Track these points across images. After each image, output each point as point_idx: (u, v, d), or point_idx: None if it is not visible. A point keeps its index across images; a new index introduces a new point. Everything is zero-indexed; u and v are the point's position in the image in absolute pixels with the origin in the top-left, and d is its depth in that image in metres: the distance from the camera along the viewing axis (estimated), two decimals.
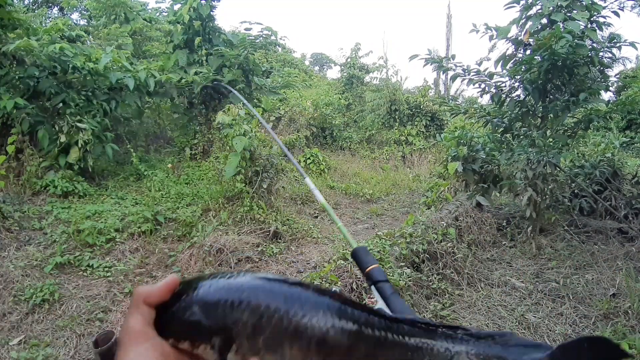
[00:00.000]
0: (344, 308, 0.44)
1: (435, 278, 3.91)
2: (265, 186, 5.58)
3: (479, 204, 5.59)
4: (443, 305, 3.61)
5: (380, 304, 0.75)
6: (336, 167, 9.72)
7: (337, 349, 0.42)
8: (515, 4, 5.40)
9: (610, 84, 5.45)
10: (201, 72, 7.79)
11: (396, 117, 12.06)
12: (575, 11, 4.94)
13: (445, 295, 3.80)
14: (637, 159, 10.15)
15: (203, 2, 8.16)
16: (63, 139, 5.77)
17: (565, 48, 4.54)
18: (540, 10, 5.22)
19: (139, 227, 4.84)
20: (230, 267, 4.21)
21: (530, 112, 5.48)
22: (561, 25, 4.82)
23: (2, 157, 4.97)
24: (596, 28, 5.05)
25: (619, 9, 5.05)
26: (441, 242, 4.34)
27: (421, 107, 12.07)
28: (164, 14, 12.94)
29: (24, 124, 5.71)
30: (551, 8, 5.00)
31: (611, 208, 5.48)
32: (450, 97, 10.57)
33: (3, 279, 3.65)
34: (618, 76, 8.49)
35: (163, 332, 0.43)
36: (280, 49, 17.51)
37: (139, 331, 0.43)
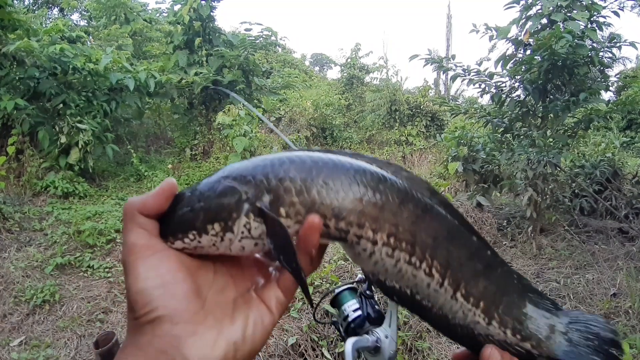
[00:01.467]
0: (387, 173, 0.42)
1: None
2: None
3: (479, 204, 5.58)
4: None
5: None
6: None
7: (389, 203, 0.39)
8: (515, 4, 5.40)
9: (610, 84, 5.45)
10: (201, 73, 7.80)
11: (396, 117, 12.06)
12: (575, 11, 4.94)
13: None
14: (637, 158, 10.14)
15: (203, 2, 8.16)
16: (63, 139, 5.78)
17: (565, 48, 4.54)
18: (540, 11, 5.22)
19: None
20: None
21: (531, 112, 5.48)
22: (561, 25, 4.81)
23: (2, 158, 4.97)
24: (596, 28, 5.05)
25: (619, 9, 5.05)
26: None
27: (421, 107, 12.07)
28: (164, 14, 12.94)
29: (24, 124, 5.71)
30: (551, 8, 5.00)
31: (612, 208, 5.47)
32: (450, 97, 10.58)
33: (4, 279, 3.65)
34: (618, 76, 8.48)
35: (179, 230, 0.37)
36: (280, 49, 17.52)
37: (143, 245, 0.36)
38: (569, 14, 4.93)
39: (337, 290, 0.81)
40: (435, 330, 0.48)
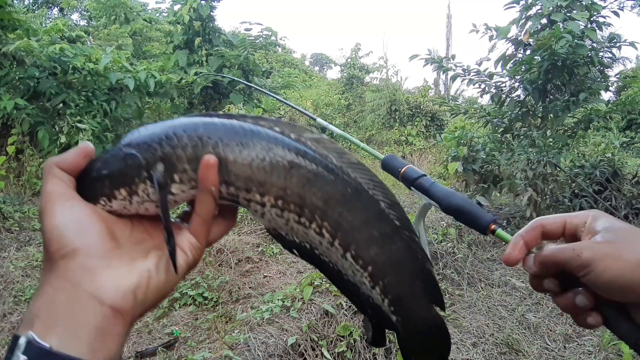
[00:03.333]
0: (284, 137, 0.43)
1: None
2: None
3: (479, 204, 5.58)
4: None
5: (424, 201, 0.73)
6: None
7: (277, 168, 0.41)
8: (515, 4, 5.40)
9: (610, 84, 5.46)
10: (201, 73, 7.80)
11: (396, 117, 12.07)
12: (575, 11, 4.94)
13: (445, 295, 3.80)
14: (637, 159, 10.14)
15: (203, 2, 8.17)
16: (63, 139, 5.78)
17: (565, 48, 4.54)
18: (540, 11, 5.22)
19: None
20: (231, 268, 4.21)
21: (530, 112, 5.48)
22: (561, 25, 4.82)
23: (2, 157, 4.97)
24: (596, 28, 5.05)
25: (618, 9, 5.06)
26: (441, 242, 4.34)
27: (421, 107, 12.07)
28: (164, 14, 12.95)
29: (24, 124, 5.71)
30: (551, 8, 5.01)
31: (611, 208, 5.47)
32: (450, 97, 10.57)
33: (3, 279, 3.65)
34: (618, 76, 8.48)
35: (91, 196, 0.39)
36: (280, 49, 17.53)
37: (62, 192, 0.37)
38: (568, 14, 4.94)
39: None
40: (332, 285, 0.50)
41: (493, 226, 0.59)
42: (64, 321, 0.33)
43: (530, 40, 5.17)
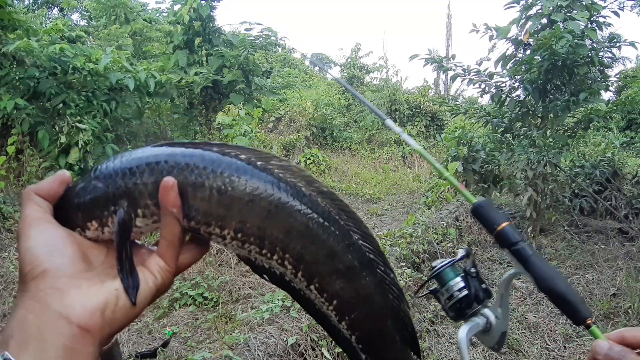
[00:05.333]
0: (247, 166, 0.42)
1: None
2: None
3: None
4: None
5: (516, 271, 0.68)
6: (336, 167, 9.72)
7: (237, 201, 0.41)
8: (515, 4, 5.40)
9: (610, 84, 5.45)
10: (201, 73, 7.80)
11: (396, 117, 12.07)
12: (575, 11, 4.94)
13: None
14: (637, 158, 10.14)
15: (203, 2, 8.16)
16: (63, 139, 5.77)
17: (565, 48, 4.54)
18: (540, 10, 5.22)
19: None
20: (231, 268, 4.21)
21: (531, 112, 5.48)
22: (561, 25, 4.81)
23: (2, 157, 4.97)
24: (596, 28, 5.05)
25: (619, 9, 5.05)
26: (441, 242, 4.34)
27: (421, 107, 12.08)
28: (164, 14, 12.94)
29: (24, 124, 5.71)
30: (551, 8, 5.00)
31: (611, 208, 5.48)
32: (450, 97, 10.58)
33: (3, 279, 3.65)
34: (618, 76, 8.47)
35: (68, 225, 0.41)
36: (280, 49, 17.52)
37: (38, 217, 0.39)
38: (569, 14, 4.93)
39: (437, 267, 0.73)
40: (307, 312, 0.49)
41: (589, 321, 0.57)
42: (35, 340, 0.34)
43: (531, 40, 5.16)
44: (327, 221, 0.44)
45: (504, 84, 5.54)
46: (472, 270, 0.70)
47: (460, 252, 0.67)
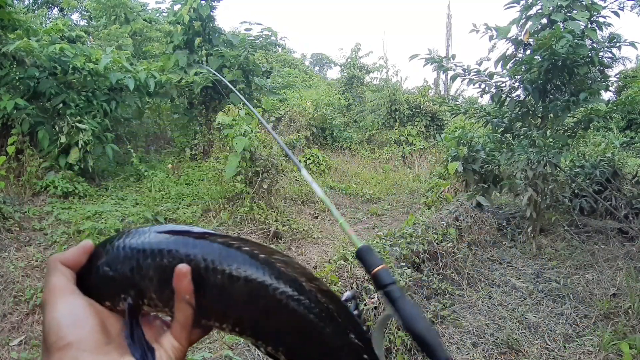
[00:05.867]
0: (251, 261, 0.44)
1: (435, 278, 3.91)
2: (265, 186, 5.59)
3: (479, 204, 5.58)
4: (443, 305, 3.61)
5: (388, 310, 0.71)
6: (336, 167, 9.72)
7: (237, 298, 0.43)
8: (515, 4, 5.40)
9: (610, 84, 5.45)
10: (201, 73, 7.79)
11: (396, 117, 12.06)
12: (575, 11, 4.94)
13: (445, 295, 3.80)
14: (637, 158, 10.14)
15: (203, 2, 8.16)
16: (63, 139, 5.78)
17: (565, 48, 4.54)
18: (540, 10, 5.22)
19: None
20: None
21: (531, 112, 5.48)
22: (561, 25, 4.81)
23: (2, 157, 4.97)
24: (596, 28, 5.05)
25: (619, 9, 5.06)
26: (441, 242, 4.34)
27: (421, 107, 12.07)
28: (164, 14, 12.94)
29: (24, 124, 5.71)
30: (551, 8, 5.00)
31: (611, 208, 5.48)
32: (450, 97, 10.58)
33: (3, 279, 3.65)
34: (618, 76, 8.47)
35: (87, 294, 0.43)
36: (280, 49, 17.52)
37: (63, 286, 0.42)
38: (569, 14, 4.93)
39: None
40: None
41: None
42: None
43: (531, 40, 5.16)
44: (327, 319, 0.46)
45: (504, 84, 5.54)
46: (355, 311, 0.75)
47: (347, 294, 0.72)
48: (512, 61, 5.39)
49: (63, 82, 6.10)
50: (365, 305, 3.00)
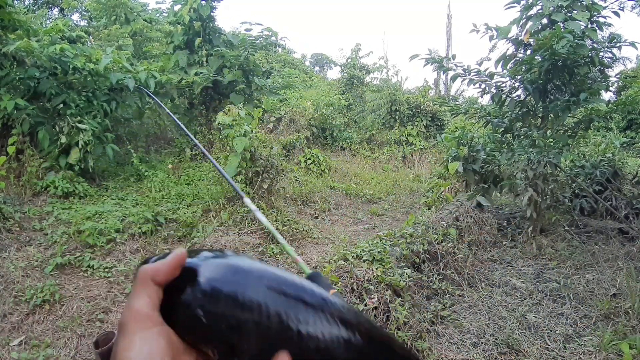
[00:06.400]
0: (344, 321, 0.42)
1: (435, 278, 3.91)
2: (265, 187, 5.59)
3: (479, 204, 5.58)
4: (443, 305, 3.61)
5: None
6: (336, 167, 9.72)
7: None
8: (515, 4, 5.40)
9: (610, 84, 5.45)
10: (201, 73, 7.80)
11: (396, 117, 12.06)
12: (575, 11, 4.93)
13: (445, 295, 3.80)
14: (637, 158, 10.14)
15: (203, 2, 8.17)
16: (63, 139, 5.78)
17: (566, 48, 4.54)
18: (540, 10, 5.21)
19: (140, 228, 4.84)
20: None
21: (531, 112, 5.48)
22: (562, 25, 4.81)
23: (2, 157, 4.97)
24: (596, 28, 5.05)
25: (619, 9, 5.05)
26: (442, 242, 4.34)
27: (421, 107, 12.07)
28: (164, 14, 12.95)
29: (24, 124, 5.71)
30: (552, 8, 5.00)
31: (612, 208, 5.47)
32: (450, 97, 10.57)
33: (4, 279, 3.65)
34: (618, 76, 8.47)
35: (168, 321, 0.40)
36: (280, 49, 17.52)
37: (146, 315, 0.38)
38: (569, 14, 4.93)
39: None
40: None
41: None
42: None
43: (531, 40, 5.16)
44: None
45: (504, 84, 5.54)
46: None
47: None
48: (513, 61, 5.39)
49: (63, 82, 6.11)
50: (365, 305, 3.00)
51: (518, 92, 5.57)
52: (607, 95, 6.57)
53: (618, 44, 4.87)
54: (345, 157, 11.06)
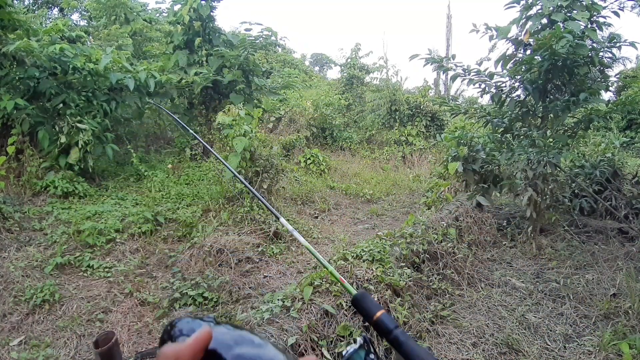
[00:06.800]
0: None
1: (435, 278, 3.91)
2: (265, 186, 5.59)
3: (479, 204, 5.58)
4: (443, 305, 3.61)
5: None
6: (336, 167, 9.72)
7: None
8: (515, 4, 5.40)
9: (610, 84, 5.45)
10: (201, 73, 7.80)
11: (396, 117, 12.06)
12: (575, 11, 4.94)
13: (445, 295, 3.80)
14: (637, 158, 10.14)
15: (203, 2, 8.17)
16: (63, 139, 5.78)
17: (566, 48, 4.54)
18: (540, 10, 5.22)
19: (139, 228, 4.84)
20: (231, 268, 4.21)
21: (531, 112, 5.48)
22: (561, 25, 4.82)
23: (2, 157, 4.97)
24: (596, 28, 5.05)
25: (619, 9, 5.06)
26: (441, 242, 4.34)
27: (421, 107, 12.07)
28: (164, 14, 12.95)
29: (24, 124, 5.71)
30: (551, 8, 5.01)
31: (611, 208, 5.47)
32: (450, 97, 10.57)
33: (3, 279, 3.65)
34: (618, 76, 8.48)
35: None
36: (280, 49, 17.52)
37: None
38: (569, 14, 4.93)
39: (346, 353, 0.82)
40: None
41: None
42: None
43: (531, 40, 5.16)
44: None
45: (504, 84, 5.54)
46: (372, 356, 0.81)
47: (359, 340, 0.78)
48: (512, 61, 5.39)
49: (63, 82, 6.10)
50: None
51: (518, 92, 5.58)
52: (607, 95, 6.58)
53: (618, 44, 4.88)
54: (345, 157, 11.06)
